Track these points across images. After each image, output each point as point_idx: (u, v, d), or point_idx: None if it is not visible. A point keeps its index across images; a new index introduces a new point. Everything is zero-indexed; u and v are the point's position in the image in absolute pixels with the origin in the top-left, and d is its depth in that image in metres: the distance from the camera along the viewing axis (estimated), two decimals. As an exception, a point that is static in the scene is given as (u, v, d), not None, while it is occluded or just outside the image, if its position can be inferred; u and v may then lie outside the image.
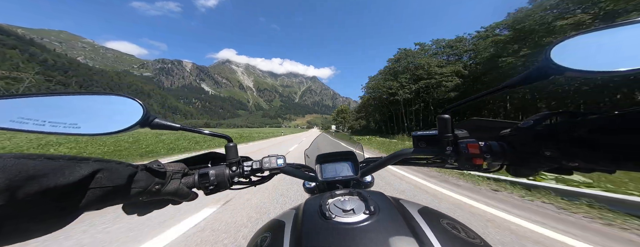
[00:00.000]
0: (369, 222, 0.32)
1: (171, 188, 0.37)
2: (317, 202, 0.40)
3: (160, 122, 0.36)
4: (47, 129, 0.27)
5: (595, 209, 2.25)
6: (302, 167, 0.66)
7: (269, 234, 0.41)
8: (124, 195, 0.30)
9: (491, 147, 0.39)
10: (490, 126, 0.45)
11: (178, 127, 0.38)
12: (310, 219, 0.37)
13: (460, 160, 0.40)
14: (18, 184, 0.19)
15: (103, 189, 0.26)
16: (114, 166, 0.28)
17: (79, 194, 0.24)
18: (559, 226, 1.97)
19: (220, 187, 0.44)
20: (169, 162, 0.40)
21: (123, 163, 0.30)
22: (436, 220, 0.37)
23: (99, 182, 0.26)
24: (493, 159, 0.39)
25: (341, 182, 0.59)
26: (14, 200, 0.19)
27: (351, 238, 0.30)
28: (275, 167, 0.49)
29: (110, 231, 1.93)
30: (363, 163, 0.63)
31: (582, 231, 1.90)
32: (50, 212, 0.22)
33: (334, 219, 0.34)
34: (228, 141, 0.46)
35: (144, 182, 0.32)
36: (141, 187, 0.32)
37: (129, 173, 0.29)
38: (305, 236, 0.33)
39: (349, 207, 0.36)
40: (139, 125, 0.33)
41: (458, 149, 0.40)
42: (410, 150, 0.47)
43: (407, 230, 0.31)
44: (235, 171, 0.46)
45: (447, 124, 0.40)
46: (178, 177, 0.39)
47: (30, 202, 0.20)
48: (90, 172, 0.25)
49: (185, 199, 0.40)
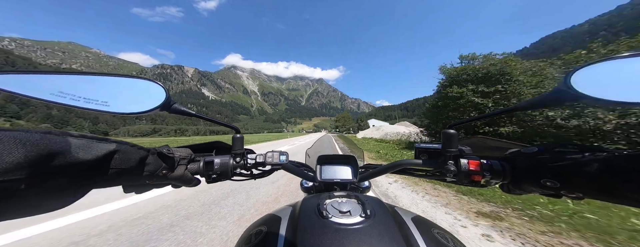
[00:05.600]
0: (364, 225, 0.33)
1: (177, 174, 0.38)
2: (315, 201, 0.40)
3: (178, 107, 0.37)
4: (81, 104, 0.29)
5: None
6: (303, 166, 0.67)
7: (265, 227, 0.41)
8: (133, 177, 0.31)
9: (492, 166, 0.39)
10: (494, 145, 0.45)
11: (193, 114, 0.40)
12: (307, 216, 0.37)
13: (460, 175, 0.41)
14: (42, 159, 0.19)
15: (116, 169, 0.27)
16: (128, 148, 0.29)
17: (94, 172, 0.25)
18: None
19: (222, 176, 0.45)
20: (177, 147, 0.41)
21: (136, 146, 0.31)
22: (428, 229, 0.38)
23: (115, 162, 0.26)
24: (492, 177, 0.39)
25: (339, 185, 0.59)
26: (36, 174, 0.19)
27: (346, 238, 0.30)
28: (277, 162, 0.49)
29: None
30: (362, 168, 0.63)
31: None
32: (65, 188, 0.22)
33: (330, 219, 0.34)
34: (236, 132, 0.47)
35: (153, 166, 0.33)
36: (150, 171, 0.33)
37: (140, 156, 0.30)
38: (301, 232, 0.33)
39: (346, 209, 0.37)
40: (160, 108, 0.34)
41: (459, 164, 0.40)
42: (412, 161, 0.47)
43: (399, 236, 0.32)
44: (239, 162, 0.46)
45: (452, 139, 0.40)
46: (184, 163, 0.40)
47: (51, 177, 0.21)
48: (108, 152, 0.25)
49: (188, 184, 0.41)
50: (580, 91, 0.26)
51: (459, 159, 0.41)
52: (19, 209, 0.20)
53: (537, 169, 0.33)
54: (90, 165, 0.24)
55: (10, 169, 0.17)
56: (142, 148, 0.32)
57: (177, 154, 0.39)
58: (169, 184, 0.40)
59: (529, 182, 0.35)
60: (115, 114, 0.32)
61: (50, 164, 0.20)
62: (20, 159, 0.18)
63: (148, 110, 0.34)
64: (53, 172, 0.21)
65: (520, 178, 0.37)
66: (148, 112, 0.34)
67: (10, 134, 0.18)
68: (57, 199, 0.23)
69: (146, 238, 1.88)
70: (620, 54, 0.24)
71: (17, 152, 0.18)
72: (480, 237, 1.86)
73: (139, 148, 0.31)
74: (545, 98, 0.29)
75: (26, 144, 0.19)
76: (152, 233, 1.96)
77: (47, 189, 0.21)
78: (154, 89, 0.35)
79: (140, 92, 0.34)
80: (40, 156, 0.19)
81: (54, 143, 0.21)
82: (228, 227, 2.07)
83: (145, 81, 0.35)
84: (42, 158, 0.19)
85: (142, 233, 1.97)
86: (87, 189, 0.25)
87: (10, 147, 0.18)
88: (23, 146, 0.18)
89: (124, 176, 0.29)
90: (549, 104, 0.29)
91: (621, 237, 1.73)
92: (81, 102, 0.29)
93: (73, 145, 0.22)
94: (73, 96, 0.29)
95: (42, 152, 0.19)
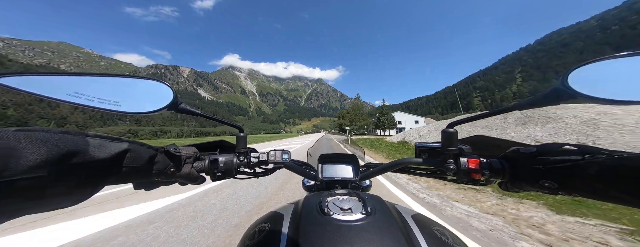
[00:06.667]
0: (365, 222, 0.33)
1: (184, 172, 0.39)
2: (316, 199, 0.41)
3: (185, 107, 0.38)
4: (95, 104, 0.30)
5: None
6: (305, 165, 0.68)
7: (268, 224, 0.42)
8: (143, 175, 0.32)
9: (492, 164, 0.40)
10: (494, 143, 0.45)
11: (199, 113, 0.41)
12: (309, 214, 0.38)
13: (460, 174, 0.41)
14: (61, 158, 0.20)
15: (128, 167, 0.28)
16: (139, 147, 0.30)
17: (108, 170, 0.26)
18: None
19: (226, 174, 0.46)
20: (184, 146, 0.42)
21: (145, 145, 0.32)
22: (428, 226, 0.38)
23: (127, 161, 0.28)
24: (491, 175, 0.39)
25: (340, 183, 0.60)
26: (55, 172, 0.20)
27: (347, 235, 0.31)
28: (279, 161, 0.50)
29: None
30: (363, 167, 0.64)
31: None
32: (82, 185, 0.23)
33: (332, 216, 0.35)
34: (240, 131, 0.48)
35: (162, 165, 0.34)
36: (158, 169, 0.34)
37: (150, 155, 0.32)
38: (304, 229, 0.34)
39: (347, 206, 0.37)
40: (168, 107, 0.36)
41: (459, 163, 0.41)
42: (412, 159, 0.48)
43: (399, 233, 0.32)
44: (242, 160, 0.47)
45: (452, 138, 0.41)
46: (191, 161, 0.41)
47: (70, 175, 0.21)
48: (121, 151, 0.27)
49: (194, 182, 0.42)
50: (577, 90, 0.26)
51: (458, 157, 0.41)
52: (40, 205, 0.21)
53: (536, 169, 0.33)
54: (105, 163, 0.24)
55: (33, 167, 0.18)
56: (152, 147, 0.33)
57: (184, 152, 0.40)
58: (176, 182, 0.40)
59: (527, 181, 0.35)
60: (127, 113, 0.33)
61: (69, 162, 0.21)
62: (42, 157, 0.19)
63: (157, 109, 0.35)
64: (72, 170, 0.21)
65: (519, 177, 0.37)
66: (157, 111, 0.35)
67: (31, 134, 0.19)
68: (74, 195, 0.23)
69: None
70: (616, 54, 0.25)
71: (39, 151, 0.19)
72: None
73: (149, 147, 0.32)
74: (543, 97, 0.30)
75: (47, 143, 0.20)
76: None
77: (66, 186, 0.22)
78: (163, 90, 0.37)
79: (150, 92, 0.36)
80: (60, 155, 0.20)
81: (72, 142, 0.21)
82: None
83: (154, 82, 0.36)
84: (62, 156, 0.20)
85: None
86: (101, 186, 0.26)
87: (32, 146, 0.19)
88: (44, 145, 0.19)
89: (135, 174, 0.30)
90: (547, 103, 0.30)
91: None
92: (95, 102, 0.30)
93: (91, 144, 0.23)
94: (88, 96, 0.30)
95: (62, 151, 0.20)
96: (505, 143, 0.43)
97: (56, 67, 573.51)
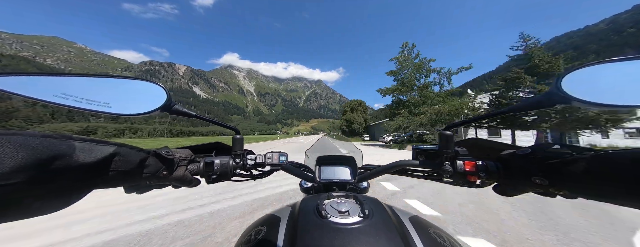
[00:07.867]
0: (362, 225, 0.33)
1: (177, 174, 0.38)
2: (314, 201, 0.41)
3: (179, 109, 0.38)
4: (83, 105, 0.29)
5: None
6: (302, 167, 0.68)
7: (264, 227, 0.41)
8: (134, 178, 0.31)
9: (487, 166, 0.40)
10: (490, 145, 0.46)
11: (193, 115, 0.41)
12: (306, 216, 0.37)
13: (456, 176, 0.41)
14: (42, 162, 0.19)
15: (117, 171, 0.27)
16: (128, 150, 0.29)
17: (95, 174, 0.25)
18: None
19: (222, 177, 0.46)
20: (177, 148, 0.41)
21: (135, 148, 0.31)
22: (425, 228, 0.39)
23: (115, 164, 0.27)
24: (487, 177, 0.40)
25: (338, 185, 0.59)
26: (36, 177, 0.19)
27: (344, 238, 0.31)
28: (276, 163, 0.50)
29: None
30: (361, 169, 0.64)
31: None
32: (66, 190, 0.22)
33: (329, 219, 0.35)
34: (236, 133, 0.47)
35: (153, 168, 0.33)
36: (150, 173, 0.33)
37: (140, 158, 0.31)
38: (300, 232, 0.34)
39: (344, 209, 0.37)
40: (161, 109, 0.35)
41: (455, 165, 0.41)
42: (409, 161, 0.48)
43: (397, 236, 0.32)
44: (238, 162, 0.47)
45: (449, 141, 0.41)
46: (184, 164, 0.40)
47: (50, 180, 0.20)
48: (109, 154, 0.25)
49: (188, 185, 0.41)
50: (570, 94, 0.27)
51: (455, 159, 0.42)
52: (21, 212, 0.20)
53: (528, 167, 0.34)
54: (91, 167, 0.24)
55: (9, 173, 0.17)
56: (142, 150, 0.32)
57: (177, 155, 0.39)
58: (169, 185, 0.40)
59: (520, 180, 0.36)
60: (117, 115, 0.32)
61: (51, 167, 0.20)
62: (19, 163, 0.18)
63: (149, 111, 0.34)
64: (53, 175, 0.20)
65: (512, 177, 0.38)
66: (149, 113, 0.34)
67: (9, 138, 0.18)
68: (58, 201, 0.22)
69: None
70: (609, 58, 0.26)
71: (17, 155, 0.18)
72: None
73: (139, 150, 0.31)
74: (537, 100, 0.30)
75: (26, 147, 0.19)
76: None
77: (47, 192, 0.21)
78: (156, 91, 0.35)
79: (142, 93, 0.34)
80: (41, 159, 0.19)
81: (55, 146, 0.20)
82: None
83: (147, 83, 0.35)
84: (43, 161, 0.19)
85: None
86: (87, 190, 0.25)
87: (10, 151, 0.18)
88: (23, 149, 0.18)
89: (124, 178, 0.29)
90: (541, 106, 0.30)
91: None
92: (84, 104, 0.29)
93: (77, 148, 0.22)
94: (76, 98, 0.29)
95: (42, 156, 0.19)
96: (501, 146, 0.44)
97: (41, 62, 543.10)
